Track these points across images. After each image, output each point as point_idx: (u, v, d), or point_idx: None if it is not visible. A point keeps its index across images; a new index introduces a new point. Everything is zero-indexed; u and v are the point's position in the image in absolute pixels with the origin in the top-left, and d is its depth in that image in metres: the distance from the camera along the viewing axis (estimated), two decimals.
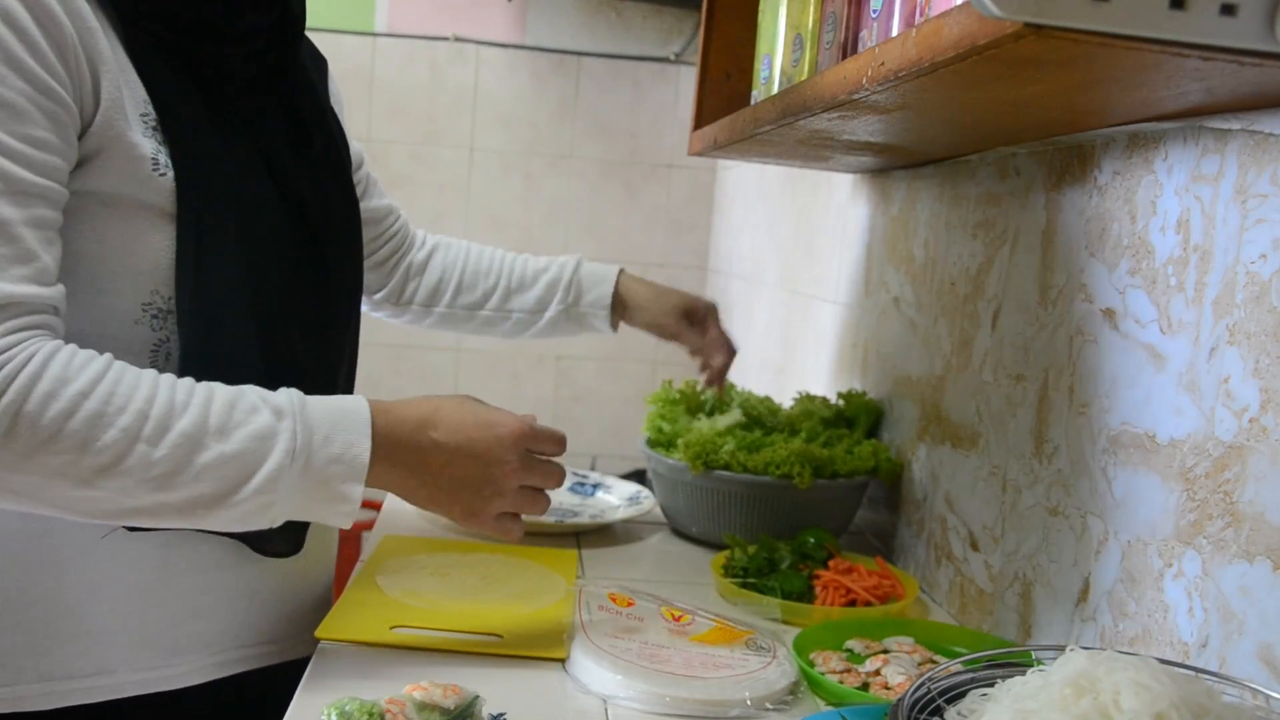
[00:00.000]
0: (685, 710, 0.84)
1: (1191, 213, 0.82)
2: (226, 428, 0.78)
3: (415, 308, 1.36)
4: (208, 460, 0.77)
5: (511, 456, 0.88)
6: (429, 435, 0.86)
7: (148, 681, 0.91)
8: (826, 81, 0.91)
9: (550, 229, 2.93)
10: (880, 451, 1.33)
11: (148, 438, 0.75)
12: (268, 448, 0.79)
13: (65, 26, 0.77)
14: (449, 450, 0.87)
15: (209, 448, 0.77)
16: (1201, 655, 0.78)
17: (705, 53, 1.42)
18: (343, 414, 0.83)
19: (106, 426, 0.74)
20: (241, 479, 0.78)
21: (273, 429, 0.79)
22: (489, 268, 1.38)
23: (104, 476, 0.75)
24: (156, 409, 0.76)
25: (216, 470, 0.77)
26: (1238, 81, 0.67)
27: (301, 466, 0.80)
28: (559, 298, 1.37)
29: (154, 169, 0.82)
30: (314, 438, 0.81)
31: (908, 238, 1.39)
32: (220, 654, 0.95)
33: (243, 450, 0.78)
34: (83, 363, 0.76)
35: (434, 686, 0.77)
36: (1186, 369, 0.82)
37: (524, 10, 2.86)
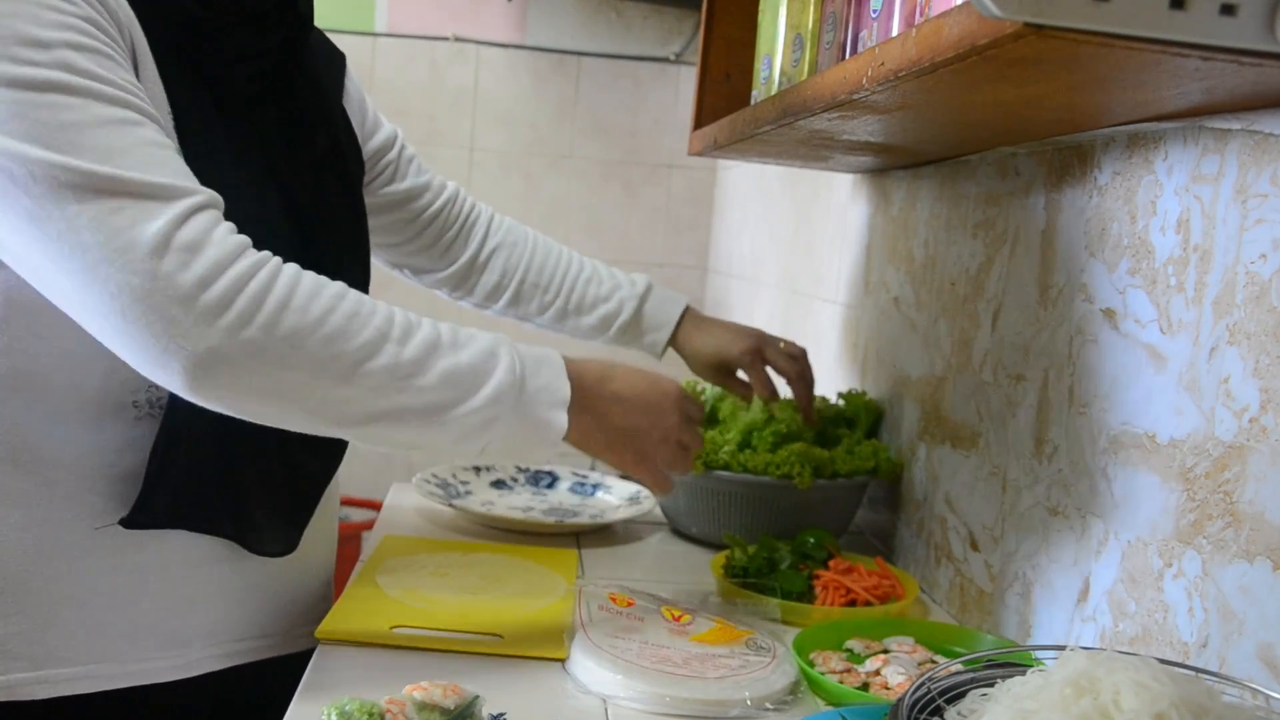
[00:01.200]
0: (685, 710, 0.85)
1: (1191, 213, 0.82)
2: (458, 341, 0.85)
3: (475, 301, 1.35)
4: (446, 365, 0.83)
5: (674, 412, 0.98)
6: (609, 387, 0.94)
7: (143, 673, 0.91)
8: (826, 81, 0.91)
9: (550, 229, 2.92)
10: (880, 451, 1.33)
11: (397, 338, 0.81)
12: (493, 364, 0.85)
13: (119, 12, 0.80)
14: (626, 401, 0.95)
15: (445, 355, 0.83)
16: (1201, 655, 0.78)
17: (705, 53, 1.42)
18: (543, 354, 0.90)
19: (364, 324, 0.79)
20: (474, 387, 0.84)
21: (495, 349, 0.86)
22: (549, 281, 1.34)
23: (361, 371, 0.79)
24: (399, 316, 0.83)
25: (453, 376, 0.83)
26: (1238, 81, 0.67)
27: (519, 388, 0.86)
28: (613, 335, 1.35)
29: None
30: (527, 365, 0.87)
31: (908, 238, 1.39)
32: (216, 647, 0.95)
33: (474, 362, 0.84)
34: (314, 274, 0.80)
35: (434, 686, 0.77)
36: (1186, 369, 0.82)
37: (524, 10, 2.86)
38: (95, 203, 0.72)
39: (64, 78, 0.73)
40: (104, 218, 0.72)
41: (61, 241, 0.72)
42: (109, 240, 0.72)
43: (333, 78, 1.10)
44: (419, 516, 1.36)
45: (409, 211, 1.27)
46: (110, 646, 0.89)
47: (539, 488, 1.52)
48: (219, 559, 0.94)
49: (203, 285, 0.73)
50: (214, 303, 0.73)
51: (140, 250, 0.72)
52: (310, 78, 1.01)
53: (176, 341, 0.72)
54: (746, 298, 2.45)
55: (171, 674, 0.92)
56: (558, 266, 1.35)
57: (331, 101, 1.07)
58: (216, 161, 0.86)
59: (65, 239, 0.72)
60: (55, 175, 0.71)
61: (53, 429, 0.85)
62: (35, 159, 0.71)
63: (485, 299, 1.35)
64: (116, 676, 0.90)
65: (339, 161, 1.04)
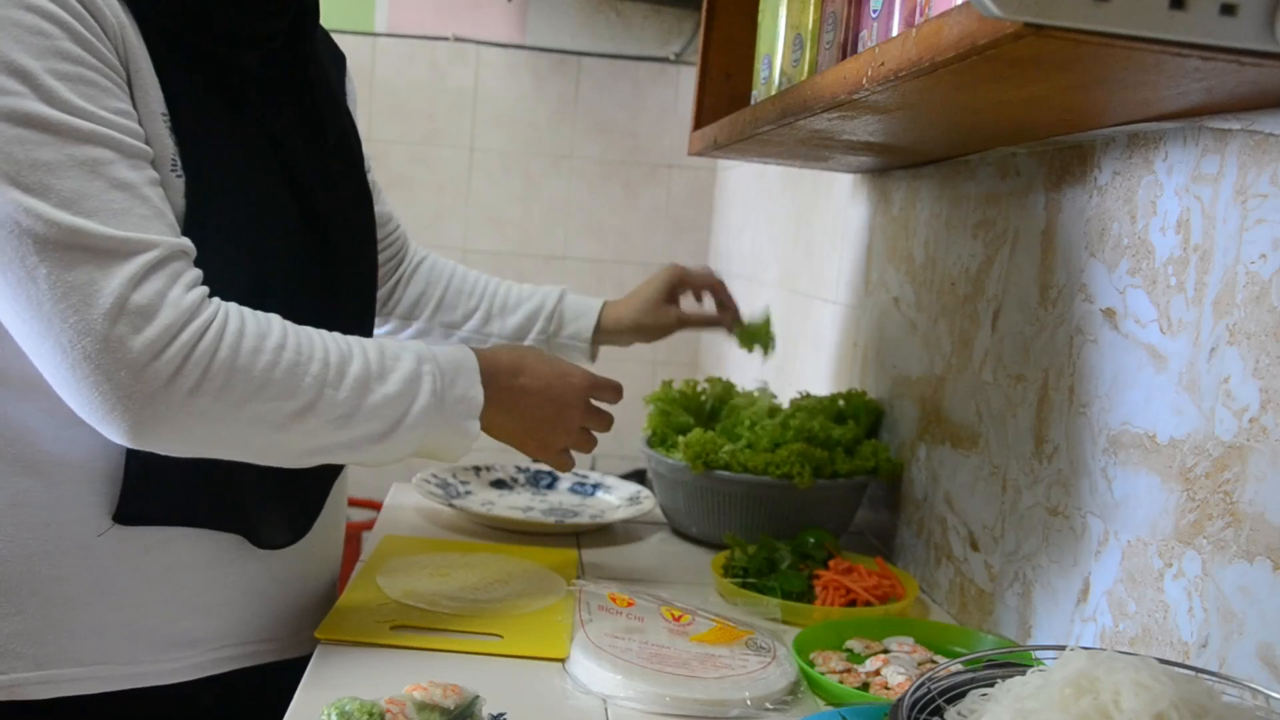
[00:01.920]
0: (685, 710, 0.84)
1: (1191, 213, 0.82)
2: (384, 371, 0.88)
3: (395, 320, 1.35)
4: (375, 401, 0.87)
5: (579, 402, 1.03)
6: (519, 380, 0.99)
7: (145, 675, 0.91)
8: (826, 81, 0.91)
9: (550, 229, 2.93)
10: (880, 451, 1.33)
11: (332, 383, 0.84)
12: (417, 389, 0.89)
13: (108, 17, 0.80)
14: (533, 394, 1.00)
15: (375, 390, 0.87)
16: (1201, 655, 0.78)
17: (705, 53, 1.42)
18: (459, 361, 0.94)
19: (302, 375, 0.82)
20: (400, 416, 0.88)
21: (418, 372, 0.90)
22: (472, 289, 1.37)
23: (299, 420, 0.83)
24: (334, 357, 0.85)
25: (382, 409, 0.87)
26: (1238, 81, 0.67)
27: (439, 404, 0.91)
28: (539, 327, 1.36)
29: (172, 169, 0.84)
30: (444, 380, 0.92)
31: (908, 238, 1.39)
32: (219, 650, 0.95)
33: (400, 391, 0.88)
34: (266, 318, 0.83)
35: (434, 686, 0.77)
36: (1186, 369, 0.82)
37: (524, 10, 2.86)
38: (54, 256, 0.73)
39: (43, 111, 0.74)
40: (60, 274, 0.73)
41: (20, 289, 0.74)
42: (63, 298, 0.73)
43: (337, 73, 1.10)
44: (419, 516, 1.36)
45: None
46: (114, 648, 0.89)
47: (539, 488, 1.52)
48: (224, 562, 0.94)
49: (152, 352, 0.75)
50: (162, 370, 0.75)
51: (94, 312, 0.74)
52: (320, 67, 1.01)
53: (124, 404, 0.75)
54: (747, 298, 2.45)
55: (175, 676, 0.92)
56: (480, 280, 1.39)
57: (338, 94, 1.07)
58: (221, 153, 0.87)
59: (24, 288, 0.74)
60: (19, 220, 0.73)
61: (59, 431, 0.85)
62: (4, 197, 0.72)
63: (409, 312, 1.36)
64: (120, 678, 0.90)
65: (349, 152, 1.04)
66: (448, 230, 2.88)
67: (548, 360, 1.03)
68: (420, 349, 0.92)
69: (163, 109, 0.84)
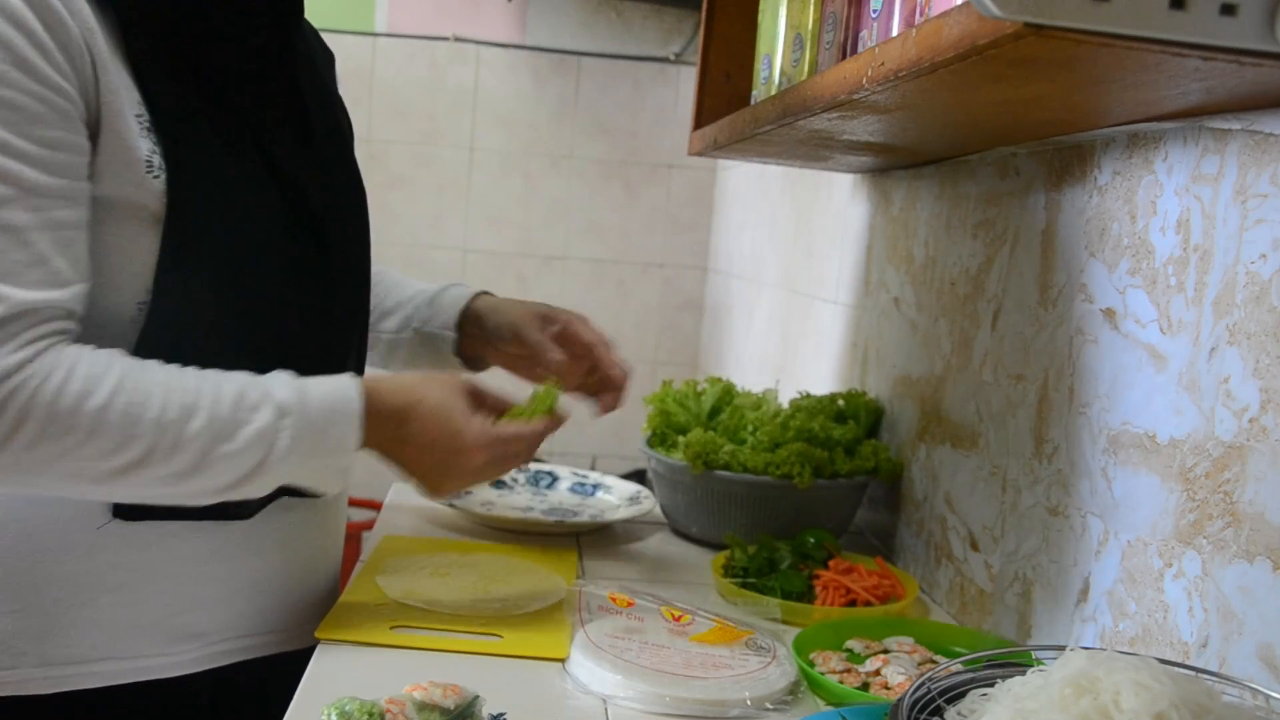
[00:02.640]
0: (685, 710, 0.84)
1: (1191, 213, 0.82)
2: (234, 430, 0.83)
3: None
4: (216, 460, 0.83)
5: (475, 461, 0.94)
6: (404, 430, 0.91)
7: (148, 668, 0.91)
8: (826, 81, 0.91)
9: (550, 229, 2.93)
10: (880, 451, 1.33)
11: (164, 447, 0.80)
12: (268, 445, 0.84)
13: (70, 25, 0.78)
14: (419, 448, 0.92)
15: (217, 449, 0.82)
16: (1201, 655, 0.78)
17: (705, 53, 1.42)
18: (335, 407, 0.87)
19: (128, 438, 0.79)
20: (247, 472, 0.84)
21: (274, 428, 0.84)
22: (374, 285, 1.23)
23: (121, 478, 0.80)
24: (171, 414, 0.81)
25: (224, 466, 0.83)
26: (1238, 81, 0.67)
27: (300, 456, 0.85)
28: (415, 321, 1.22)
29: (148, 171, 0.83)
30: (311, 433, 0.86)
31: (908, 238, 1.39)
32: (220, 643, 0.95)
33: (246, 448, 0.83)
34: (101, 371, 0.79)
35: (434, 686, 0.77)
36: (1186, 369, 0.82)
37: (524, 10, 2.86)
38: None
39: None
40: None
41: None
42: None
43: (327, 65, 1.10)
44: (419, 517, 1.36)
45: None
46: (116, 642, 0.90)
47: (539, 488, 1.52)
48: (225, 556, 0.94)
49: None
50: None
51: None
52: (306, 58, 1.00)
53: None
54: (746, 298, 2.45)
55: (177, 669, 0.93)
56: (386, 278, 1.26)
57: (328, 83, 1.06)
58: (203, 151, 0.86)
59: None
60: None
61: None
62: None
63: None
64: (122, 672, 0.90)
65: (341, 145, 1.03)
66: (448, 230, 2.88)
67: (442, 412, 0.92)
68: (287, 399, 0.85)
69: (138, 110, 0.83)
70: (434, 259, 2.87)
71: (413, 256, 2.85)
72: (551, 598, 1.06)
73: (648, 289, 2.98)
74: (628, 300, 2.97)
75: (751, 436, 1.33)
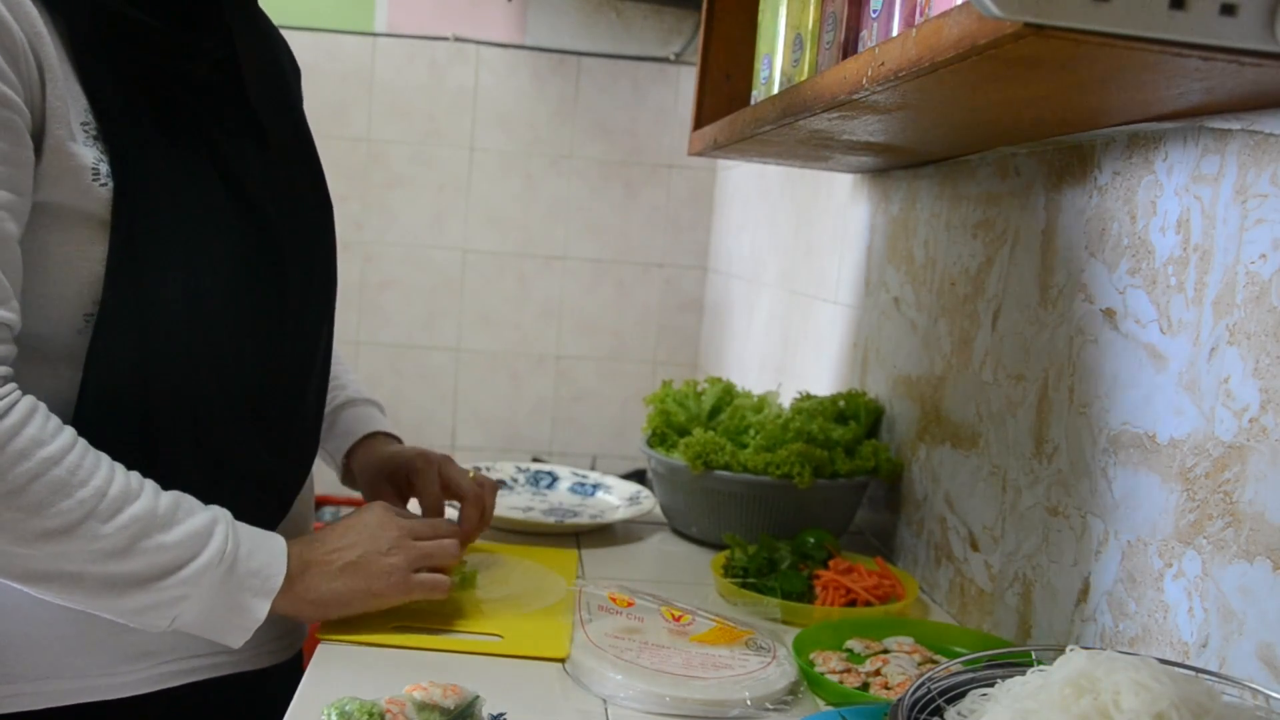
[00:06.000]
0: (685, 710, 0.84)
1: (1191, 213, 0.82)
2: (171, 520, 0.83)
3: None
4: (149, 545, 0.81)
5: (389, 525, 0.96)
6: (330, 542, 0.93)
7: (94, 689, 0.88)
8: (826, 81, 0.91)
9: (550, 229, 2.93)
10: (880, 451, 1.33)
11: (101, 514, 0.79)
12: (202, 544, 0.83)
13: (15, 31, 0.76)
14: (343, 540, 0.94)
15: (152, 535, 0.81)
16: (1201, 655, 0.78)
17: (705, 53, 1.42)
18: (264, 536, 0.88)
19: (66, 496, 0.78)
20: (173, 567, 0.82)
21: (209, 529, 0.84)
22: None
23: (48, 541, 0.78)
24: (114, 489, 0.80)
25: (154, 555, 0.81)
26: (1238, 81, 0.67)
27: (226, 570, 0.84)
28: None
29: (94, 179, 0.81)
30: (241, 548, 0.85)
31: (908, 238, 1.39)
32: (171, 663, 0.92)
33: (181, 541, 0.83)
34: (54, 430, 0.79)
35: (434, 686, 0.77)
36: (1186, 369, 0.82)
37: (524, 10, 2.86)
38: None
39: None
40: None
41: None
42: None
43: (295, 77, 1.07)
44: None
45: None
46: (59, 662, 0.87)
47: (539, 488, 1.52)
48: None
49: None
50: None
51: None
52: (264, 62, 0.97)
53: None
54: (746, 298, 2.45)
55: (125, 690, 0.90)
56: None
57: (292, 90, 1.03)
58: (152, 160, 0.84)
59: None
60: None
61: None
62: None
63: None
64: (66, 693, 0.87)
65: (301, 154, 1.01)
66: (448, 230, 2.88)
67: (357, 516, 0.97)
68: (226, 514, 0.86)
69: (85, 118, 0.81)
70: (434, 259, 2.87)
71: (413, 256, 2.85)
72: (551, 598, 1.06)
73: (648, 289, 2.98)
74: (628, 300, 2.97)
75: (754, 440, 1.33)
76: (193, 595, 0.83)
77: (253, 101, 0.94)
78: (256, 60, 0.97)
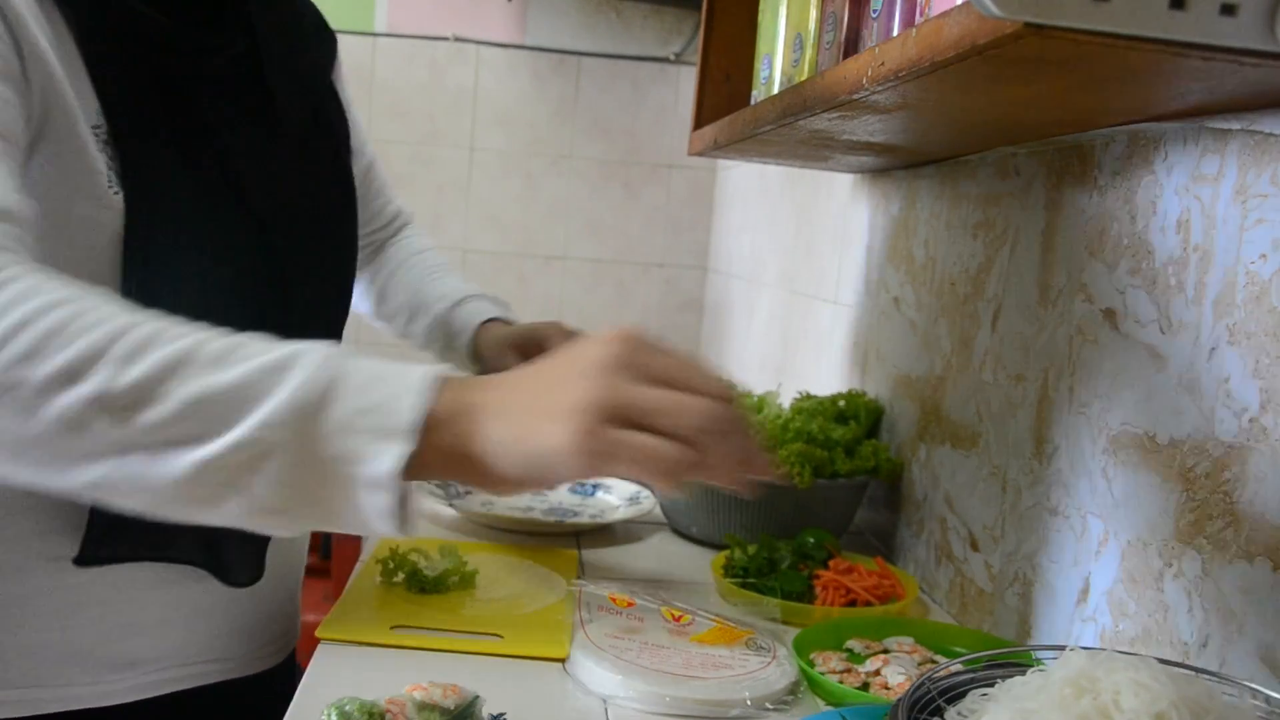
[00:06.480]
0: (685, 710, 0.84)
1: (1191, 213, 0.82)
2: (228, 357, 0.60)
3: (370, 310, 1.29)
4: (193, 391, 0.59)
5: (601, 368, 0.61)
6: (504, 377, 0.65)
7: (78, 697, 0.87)
8: (826, 81, 0.91)
9: (550, 229, 2.93)
10: (880, 451, 1.33)
11: (119, 358, 0.59)
12: (275, 381, 0.59)
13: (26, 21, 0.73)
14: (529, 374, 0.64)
15: (195, 376, 0.59)
16: (1201, 655, 0.78)
17: (705, 53, 1.42)
18: (401, 367, 0.64)
19: (70, 341, 0.59)
20: (230, 414, 0.59)
21: (289, 361, 0.60)
22: (410, 281, 1.25)
23: (50, 400, 0.58)
24: (142, 330, 0.61)
25: (202, 402, 0.59)
26: (1238, 81, 0.67)
27: (315, 409, 0.59)
28: (435, 338, 1.21)
29: (109, 187, 0.78)
30: (345, 379, 0.60)
31: (908, 238, 1.39)
32: (160, 672, 0.91)
33: (242, 381, 0.59)
34: (59, 284, 0.63)
35: (434, 686, 0.77)
36: (1186, 369, 0.82)
37: (524, 10, 2.86)
38: None
39: None
40: None
41: None
42: None
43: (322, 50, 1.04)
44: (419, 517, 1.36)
45: None
46: (46, 670, 0.85)
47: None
48: (168, 582, 0.89)
49: None
50: None
51: None
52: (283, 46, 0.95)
53: None
54: (746, 298, 2.45)
55: (109, 699, 0.88)
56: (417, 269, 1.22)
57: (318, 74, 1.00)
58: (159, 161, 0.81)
59: None
60: None
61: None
62: None
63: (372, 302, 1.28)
64: (53, 700, 0.86)
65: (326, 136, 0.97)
66: (448, 230, 2.88)
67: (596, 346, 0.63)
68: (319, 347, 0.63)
69: (97, 120, 0.78)
70: None
71: None
72: (551, 598, 1.06)
73: (648, 289, 2.98)
74: (628, 300, 2.97)
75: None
76: (271, 454, 0.58)
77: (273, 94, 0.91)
78: (278, 49, 0.94)
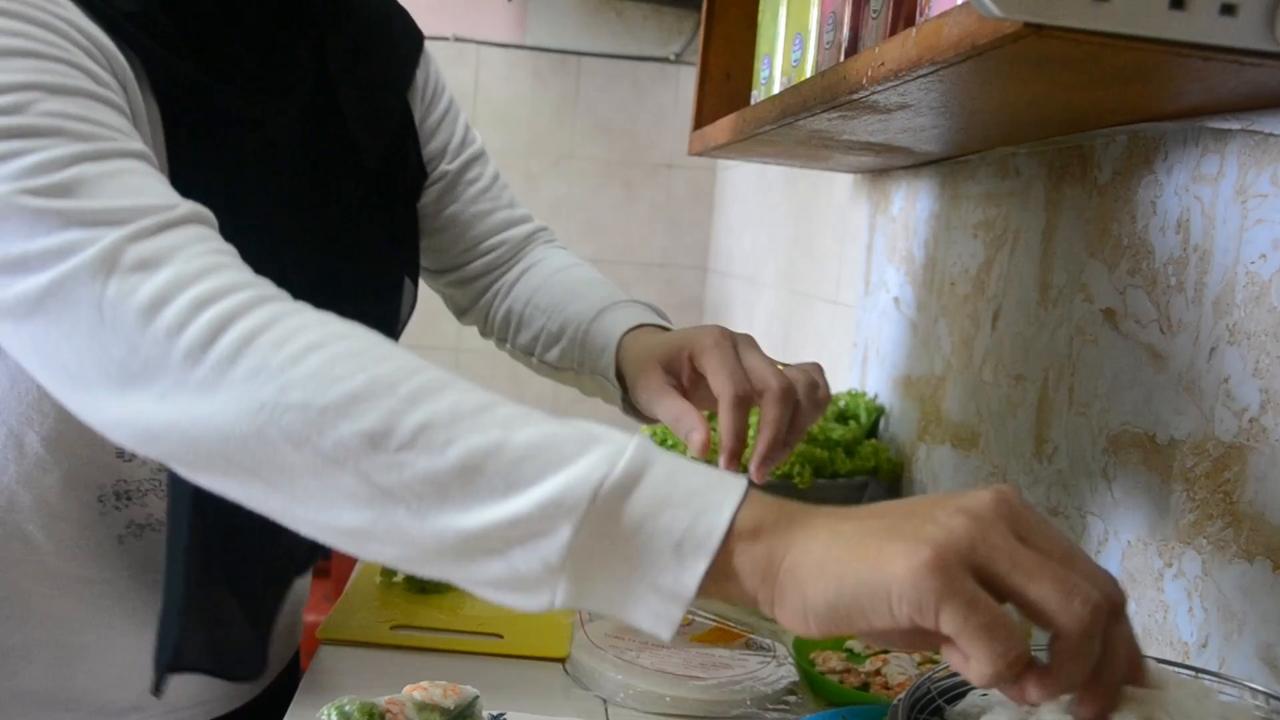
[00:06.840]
0: (685, 710, 0.84)
1: (1191, 213, 0.82)
2: (532, 418, 0.54)
3: (496, 341, 1.10)
4: (481, 443, 0.52)
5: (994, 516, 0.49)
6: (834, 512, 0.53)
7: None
8: (826, 81, 0.91)
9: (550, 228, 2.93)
10: (880, 451, 1.33)
11: (407, 395, 0.53)
12: (580, 450, 0.52)
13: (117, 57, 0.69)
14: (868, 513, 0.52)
15: (489, 429, 0.52)
16: (1201, 655, 0.78)
17: (705, 53, 1.42)
18: (710, 470, 0.54)
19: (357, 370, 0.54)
20: (524, 478, 0.51)
21: (596, 436, 0.54)
22: (549, 303, 1.02)
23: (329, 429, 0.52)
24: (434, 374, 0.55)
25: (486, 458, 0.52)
26: (1238, 81, 0.67)
27: (618, 495, 0.51)
28: (575, 360, 0.98)
29: None
30: (652, 469, 0.52)
31: (908, 238, 1.39)
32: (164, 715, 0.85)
33: (540, 442, 0.52)
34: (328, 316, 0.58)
35: (434, 686, 0.77)
36: (1186, 369, 0.82)
37: (524, 10, 2.86)
38: None
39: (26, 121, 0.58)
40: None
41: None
42: None
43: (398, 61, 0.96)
44: None
45: (462, 240, 1.07)
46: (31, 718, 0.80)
47: None
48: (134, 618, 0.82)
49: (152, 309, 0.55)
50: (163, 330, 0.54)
51: None
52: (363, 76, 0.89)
53: None
54: (746, 298, 2.45)
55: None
56: (560, 288, 1.03)
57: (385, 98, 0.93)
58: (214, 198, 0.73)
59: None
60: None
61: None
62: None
63: (502, 333, 1.08)
64: None
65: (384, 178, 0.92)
66: None
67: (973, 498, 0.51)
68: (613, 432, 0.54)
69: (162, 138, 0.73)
70: None
71: None
72: None
73: (648, 289, 2.98)
74: None
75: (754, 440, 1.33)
76: (562, 527, 0.51)
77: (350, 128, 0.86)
78: (355, 81, 0.87)
